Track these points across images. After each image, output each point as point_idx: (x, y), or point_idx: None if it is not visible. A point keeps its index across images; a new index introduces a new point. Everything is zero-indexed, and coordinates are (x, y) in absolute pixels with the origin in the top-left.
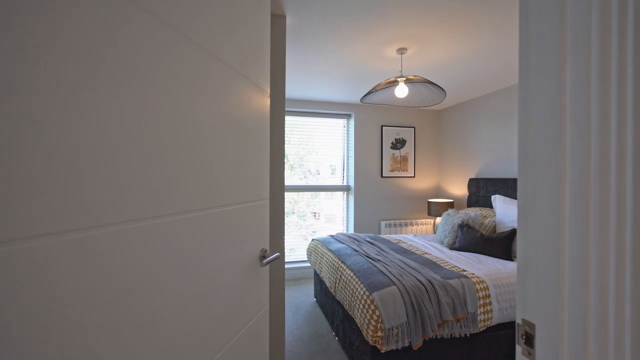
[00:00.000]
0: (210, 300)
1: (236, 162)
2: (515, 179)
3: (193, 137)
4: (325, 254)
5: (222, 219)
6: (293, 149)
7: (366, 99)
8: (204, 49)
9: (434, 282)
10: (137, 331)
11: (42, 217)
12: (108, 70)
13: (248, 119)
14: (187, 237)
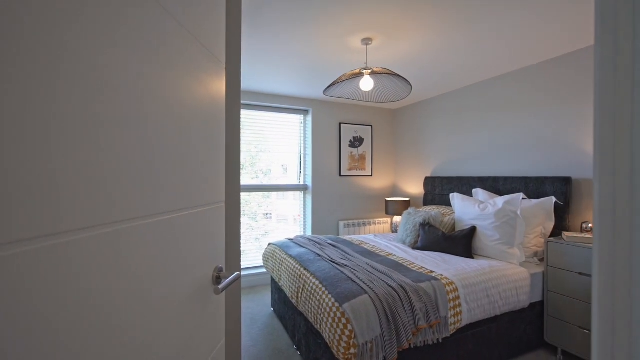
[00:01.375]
0: (138, 351)
1: (182, 151)
2: (470, 177)
3: (117, 114)
4: (284, 260)
5: (159, 231)
6: (244, 146)
7: (330, 92)
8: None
9: (406, 287)
10: None
11: None
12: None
13: (198, 96)
14: (100, 263)
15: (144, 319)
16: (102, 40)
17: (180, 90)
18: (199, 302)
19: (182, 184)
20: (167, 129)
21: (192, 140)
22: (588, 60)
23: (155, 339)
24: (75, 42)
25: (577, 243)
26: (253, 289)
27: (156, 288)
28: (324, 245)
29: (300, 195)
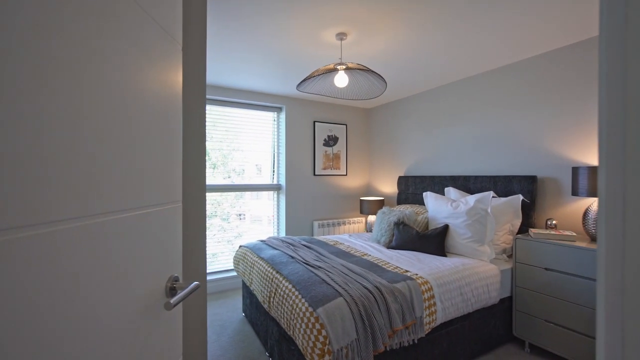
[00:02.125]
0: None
1: (124, 143)
2: (442, 176)
3: (50, 97)
4: (256, 263)
5: (91, 236)
6: (216, 144)
7: (303, 87)
8: None
9: (382, 288)
10: None
11: None
12: None
13: (150, 80)
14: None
15: (74, 346)
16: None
17: (120, 68)
18: (149, 318)
19: (124, 181)
20: (105, 115)
21: (139, 130)
22: (554, 62)
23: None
24: None
25: (543, 239)
26: (223, 293)
27: (89, 307)
28: (298, 246)
29: (274, 195)
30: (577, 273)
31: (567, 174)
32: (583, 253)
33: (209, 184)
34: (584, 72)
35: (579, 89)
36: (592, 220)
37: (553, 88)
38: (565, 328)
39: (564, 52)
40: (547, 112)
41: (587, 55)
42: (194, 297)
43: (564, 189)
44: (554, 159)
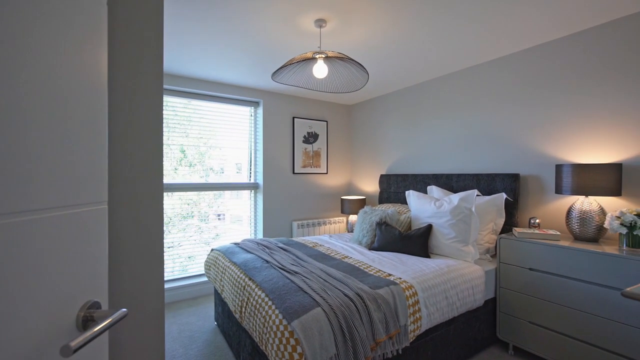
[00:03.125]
0: None
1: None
2: (425, 174)
3: None
4: (227, 269)
5: None
6: (192, 141)
7: (279, 77)
8: None
9: (364, 295)
10: None
11: None
12: None
13: (55, 45)
14: None
15: None
16: None
17: None
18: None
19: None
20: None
21: (39, 111)
22: (538, 58)
23: None
24: None
25: (527, 239)
26: (195, 300)
27: None
28: (274, 249)
29: (250, 194)
30: (561, 273)
31: (549, 172)
32: (568, 253)
33: (181, 182)
34: (568, 68)
35: (563, 86)
36: (576, 219)
37: (537, 84)
38: (550, 330)
39: (548, 47)
40: (530, 109)
41: (572, 50)
42: (152, 315)
43: (546, 187)
44: (537, 157)
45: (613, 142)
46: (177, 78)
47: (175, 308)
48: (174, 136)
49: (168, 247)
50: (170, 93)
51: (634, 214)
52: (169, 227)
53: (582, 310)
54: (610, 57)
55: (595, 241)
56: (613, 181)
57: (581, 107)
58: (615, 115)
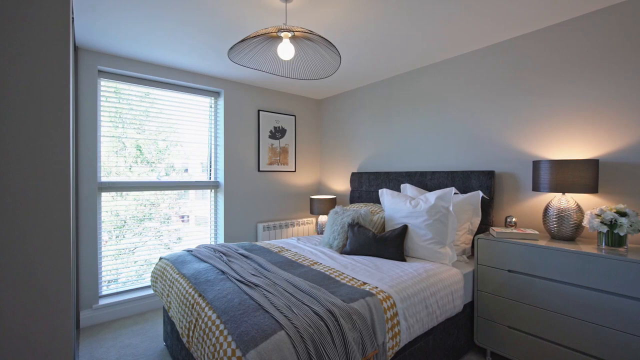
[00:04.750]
0: None
1: None
2: (398, 172)
3: None
4: (175, 282)
5: None
6: (150, 134)
7: (239, 57)
8: None
9: (336, 311)
10: None
11: None
12: None
13: None
14: None
15: None
16: None
17: None
18: None
19: None
20: None
21: None
22: (510, 52)
23: None
24: None
25: (506, 239)
26: (142, 316)
27: None
28: (233, 256)
29: (210, 193)
30: (542, 275)
31: (524, 169)
32: (549, 253)
33: (125, 181)
34: (543, 63)
35: (537, 81)
36: (554, 217)
37: (511, 79)
38: (529, 334)
39: (522, 41)
40: (504, 105)
41: (546, 45)
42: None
43: (522, 185)
44: (512, 153)
45: (588, 138)
46: (123, 61)
47: (117, 327)
48: (129, 132)
49: (120, 254)
50: (107, 76)
51: (613, 212)
52: (124, 231)
53: (562, 314)
54: (583, 52)
55: (572, 240)
56: (590, 178)
57: (556, 102)
58: (589, 111)
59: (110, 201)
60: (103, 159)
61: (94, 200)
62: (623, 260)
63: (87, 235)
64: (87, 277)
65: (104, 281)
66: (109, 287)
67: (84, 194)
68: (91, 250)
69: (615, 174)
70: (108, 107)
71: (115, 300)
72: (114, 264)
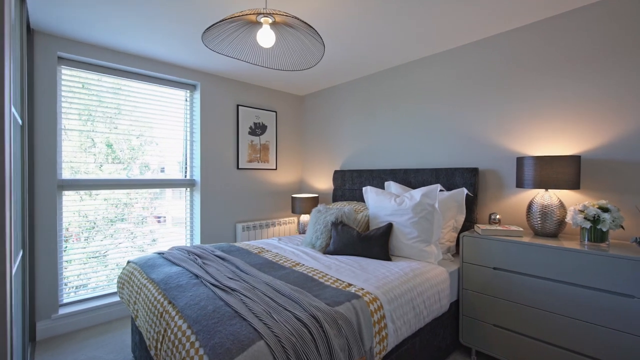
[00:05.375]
0: None
1: None
2: (381, 169)
3: None
4: (143, 288)
5: None
6: (122, 130)
7: (214, 44)
8: None
9: (320, 316)
10: None
11: None
12: None
13: None
14: None
15: None
16: None
17: None
18: None
19: None
20: None
21: None
22: (492, 49)
23: None
24: None
25: (491, 236)
26: (109, 325)
27: None
28: (209, 258)
29: (186, 192)
30: (528, 272)
31: (508, 166)
32: (533, 250)
33: (95, 178)
34: (524, 59)
35: (522, 77)
36: (537, 214)
37: (496, 75)
38: (514, 332)
39: (504, 38)
40: (489, 101)
41: (528, 41)
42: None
43: (505, 182)
44: (495, 150)
45: (569, 134)
46: (88, 48)
47: (81, 338)
48: (99, 127)
49: (89, 257)
50: (69, 64)
51: (596, 208)
52: (93, 234)
53: (547, 310)
54: (566, 50)
55: (555, 236)
56: (573, 174)
57: (538, 99)
58: (571, 108)
59: (78, 202)
60: (68, 156)
61: (52, 200)
62: (607, 256)
63: (44, 237)
64: (44, 284)
65: (69, 287)
66: (78, 293)
67: (40, 192)
68: (49, 254)
69: (596, 170)
70: (74, 100)
71: (79, 308)
72: (82, 269)
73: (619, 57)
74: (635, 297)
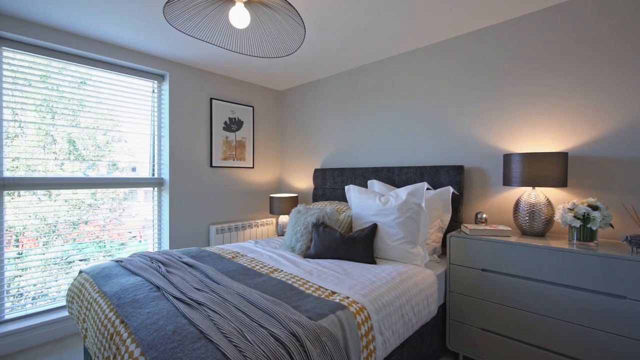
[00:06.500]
0: None
1: None
2: (364, 167)
3: None
4: (93, 303)
5: None
6: (87, 127)
7: (179, 22)
8: None
9: (301, 333)
10: None
11: None
12: None
13: None
14: None
15: None
16: None
17: None
18: None
19: None
20: None
21: None
22: (477, 44)
23: None
24: None
25: (480, 236)
26: (60, 343)
27: None
28: (175, 266)
29: (153, 192)
30: (516, 273)
31: (493, 163)
32: (523, 250)
33: (45, 176)
34: (511, 54)
35: (509, 72)
36: (525, 212)
37: (481, 71)
38: (502, 336)
39: (490, 32)
40: (474, 97)
41: (515, 36)
42: None
43: (491, 180)
44: (480, 147)
45: (555, 131)
46: (36, 28)
47: (28, 358)
48: (59, 123)
49: (47, 265)
50: (14, 46)
51: (586, 206)
52: (52, 239)
53: (537, 313)
54: (552, 45)
55: (542, 235)
56: (561, 171)
57: (523, 95)
58: (558, 104)
59: (36, 203)
60: (23, 154)
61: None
62: (599, 256)
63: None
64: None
65: (25, 299)
66: (36, 304)
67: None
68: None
69: (582, 168)
70: (29, 92)
71: (26, 324)
72: (40, 277)
73: (605, 54)
74: (627, 298)
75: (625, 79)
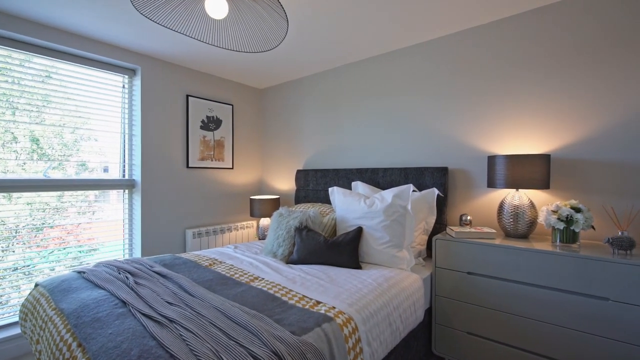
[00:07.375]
0: None
1: None
2: (347, 169)
3: None
4: (49, 322)
5: None
6: (54, 118)
7: (150, 10)
8: None
9: (284, 351)
10: None
11: None
12: None
13: None
14: None
15: None
16: None
17: None
18: None
19: None
20: None
21: None
22: (461, 44)
23: None
24: None
25: (466, 239)
26: None
27: None
28: (144, 277)
29: (124, 195)
30: (502, 276)
31: (477, 165)
32: (509, 252)
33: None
34: (494, 55)
35: (494, 73)
36: (509, 215)
37: (465, 72)
38: (488, 340)
39: (474, 33)
40: (459, 98)
41: (499, 36)
42: None
43: (474, 181)
44: (464, 149)
45: (538, 133)
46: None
47: None
48: (21, 119)
49: (6, 274)
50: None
51: (569, 208)
52: (12, 243)
53: (522, 316)
54: (537, 46)
55: (526, 237)
56: (544, 173)
57: (506, 96)
58: (541, 106)
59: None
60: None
61: None
62: (583, 258)
63: None
64: None
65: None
66: None
67: None
68: None
69: (564, 170)
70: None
71: None
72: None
73: (587, 58)
74: (609, 299)
75: (606, 83)
